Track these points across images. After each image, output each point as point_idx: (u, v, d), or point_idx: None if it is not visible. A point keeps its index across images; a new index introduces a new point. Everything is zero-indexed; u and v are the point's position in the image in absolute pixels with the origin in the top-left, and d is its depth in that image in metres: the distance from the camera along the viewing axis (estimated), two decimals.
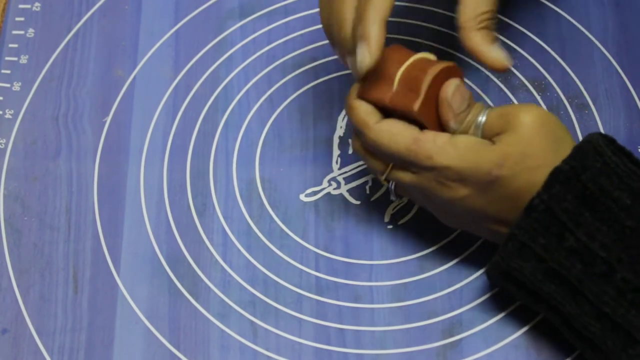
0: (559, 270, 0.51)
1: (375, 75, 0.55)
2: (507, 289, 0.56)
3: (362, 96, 0.55)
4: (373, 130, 0.54)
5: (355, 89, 0.56)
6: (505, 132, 0.53)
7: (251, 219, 0.63)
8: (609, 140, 0.52)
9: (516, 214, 0.52)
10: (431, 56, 0.56)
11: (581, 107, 0.67)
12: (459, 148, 0.52)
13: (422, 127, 0.54)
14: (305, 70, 0.69)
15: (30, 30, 0.71)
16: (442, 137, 0.53)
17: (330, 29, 0.57)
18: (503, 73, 0.57)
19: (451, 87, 0.54)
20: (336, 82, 0.68)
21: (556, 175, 0.51)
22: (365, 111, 0.55)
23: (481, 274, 0.61)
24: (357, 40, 0.53)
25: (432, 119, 0.54)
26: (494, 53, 0.55)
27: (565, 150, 0.52)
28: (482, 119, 0.54)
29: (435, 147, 0.53)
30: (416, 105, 0.53)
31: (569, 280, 0.51)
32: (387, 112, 0.55)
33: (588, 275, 0.51)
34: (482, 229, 0.56)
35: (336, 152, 0.66)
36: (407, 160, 0.54)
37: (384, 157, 0.55)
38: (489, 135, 0.54)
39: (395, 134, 0.54)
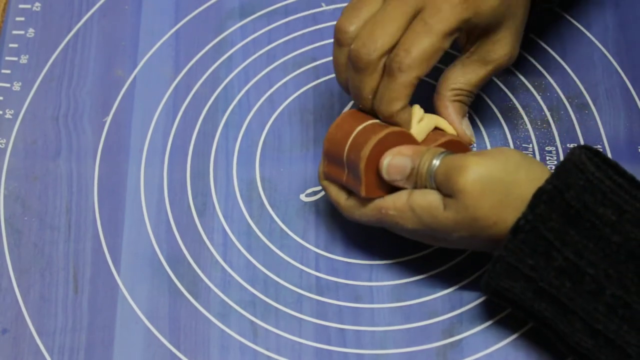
0: (549, 289, 0.51)
1: (331, 151, 0.57)
2: (501, 305, 0.56)
3: (327, 175, 0.58)
4: (344, 209, 0.58)
5: (321, 167, 0.59)
6: (452, 197, 0.53)
7: (251, 219, 0.63)
8: (593, 153, 0.52)
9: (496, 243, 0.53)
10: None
11: (581, 107, 0.67)
12: (416, 212, 0.54)
13: None
14: (305, 70, 0.69)
15: (30, 30, 0.71)
16: (400, 200, 0.55)
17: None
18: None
19: (383, 167, 0.55)
20: (336, 82, 0.68)
21: (540, 195, 0.51)
22: (333, 192, 0.58)
23: (481, 274, 0.61)
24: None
25: (385, 189, 0.56)
26: (463, 125, 0.59)
27: (522, 192, 0.52)
28: (436, 162, 0.54)
29: (397, 212, 0.55)
30: (362, 191, 0.55)
31: (559, 299, 0.51)
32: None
33: (578, 293, 0.50)
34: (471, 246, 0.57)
35: None
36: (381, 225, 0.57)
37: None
38: (440, 188, 0.54)
39: (362, 209, 0.57)
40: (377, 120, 0.57)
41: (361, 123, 0.56)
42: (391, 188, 0.56)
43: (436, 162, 0.54)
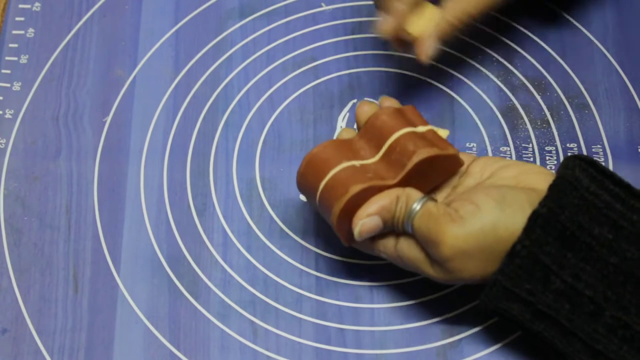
0: (547, 311, 0.51)
1: (304, 191, 0.57)
2: (501, 321, 0.56)
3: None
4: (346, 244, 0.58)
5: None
6: (435, 261, 0.53)
7: (251, 219, 0.63)
8: (587, 164, 0.51)
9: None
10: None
11: (581, 107, 0.67)
12: (404, 261, 0.55)
13: None
14: (305, 70, 0.69)
15: (30, 30, 0.71)
16: (389, 248, 0.56)
17: None
18: (421, 62, 0.60)
19: (356, 235, 0.54)
20: (336, 82, 0.68)
21: (535, 219, 0.50)
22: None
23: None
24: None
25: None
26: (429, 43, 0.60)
27: (502, 248, 0.51)
28: (415, 207, 0.53)
29: (388, 256, 0.56)
30: (346, 243, 0.57)
31: (559, 321, 0.51)
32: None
33: (577, 315, 0.50)
34: None
35: None
36: None
37: None
38: (418, 239, 0.54)
39: (360, 245, 0.57)
40: (351, 163, 0.55)
41: (334, 166, 0.55)
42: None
43: (415, 208, 0.53)
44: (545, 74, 0.68)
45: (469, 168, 0.57)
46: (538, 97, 0.67)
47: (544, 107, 0.67)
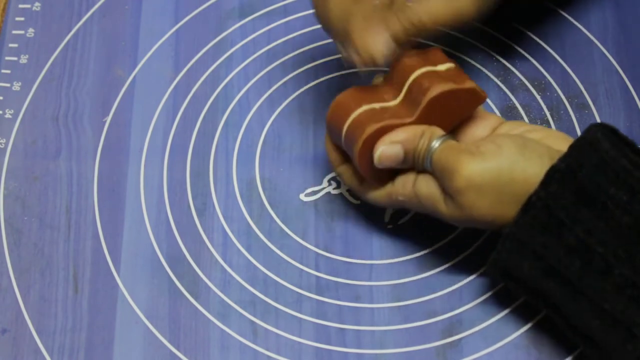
0: (558, 267, 0.51)
1: (331, 134, 0.58)
2: (507, 285, 0.56)
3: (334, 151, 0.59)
4: (359, 193, 0.60)
5: (332, 154, 0.59)
6: (449, 194, 0.53)
7: (251, 218, 0.63)
8: (610, 131, 0.52)
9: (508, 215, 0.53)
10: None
11: (581, 107, 0.67)
12: (420, 201, 0.56)
13: None
14: (305, 70, 0.69)
15: (30, 30, 0.71)
16: (407, 187, 0.56)
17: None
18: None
19: (376, 158, 0.55)
20: (336, 82, 0.68)
21: (553, 173, 0.51)
22: (347, 179, 0.59)
23: (481, 274, 0.61)
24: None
25: (387, 171, 0.57)
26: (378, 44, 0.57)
27: (515, 191, 0.52)
28: (435, 144, 0.54)
29: (405, 197, 0.56)
30: (375, 183, 0.57)
31: (568, 278, 0.51)
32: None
33: (587, 272, 0.51)
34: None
35: None
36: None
37: None
38: (436, 178, 0.54)
39: (374, 194, 0.58)
40: (370, 106, 0.56)
41: (355, 110, 0.56)
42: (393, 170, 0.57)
43: (435, 145, 0.54)
44: (545, 74, 0.68)
45: (496, 130, 0.57)
46: (538, 97, 0.67)
47: (544, 107, 0.67)
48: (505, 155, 0.52)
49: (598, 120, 0.66)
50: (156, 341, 0.59)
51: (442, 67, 0.56)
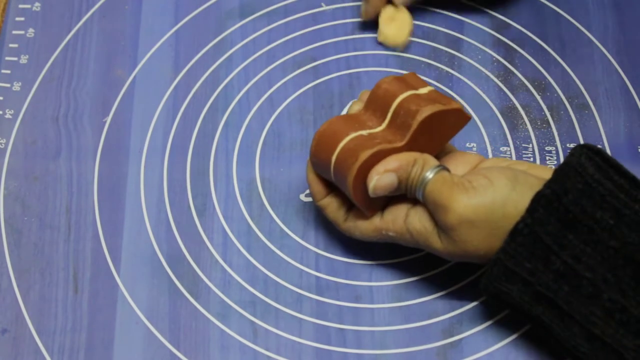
0: (546, 293, 0.51)
1: (318, 165, 0.57)
2: (501, 307, 0.56)
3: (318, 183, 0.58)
4: (343, 228, 0.59)
5: (316, 186, 0.58)
6: (442, 229, 0.53)
7: (251, 219, 0.63)
8: (594, 153, 0.52)
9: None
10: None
11: (581, 107, 0.67)
12: (412, 235, 0.55)
13: None
14: (305, 70, 0.69)
15: (30, 30, 0.71)
16: (398, 222, 0.56)
17: None
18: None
19: (370, 189, 0.54)
20: (336, 82, 0.68)
21: (538, 199, 0.51)
22: (331, 214, 0.58)
23: (481, 275, 0.61)
24: None
25: (380, 200, 0.57)
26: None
27: (510, 225, 0.52)
28: (428, 176, 0.54)
29: (396, 233, 0.56)
30: (367, 212, 0.57)
31: (557, 303, 0.51)
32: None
33: (575, 297, 0.50)
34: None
35: None
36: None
37: None
38: (428, 208, 0.54)
39: (361, 230, 0.58)
40: (358, 133, 0.55)
41: (343, 138, 0.55)
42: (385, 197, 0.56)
43: (428, 176, 0.54)
44: (545, 74, 0.68)
45: (481, 165, 0.57)
46: (538, 97, 0.67)
47: (544, 107, 0.67)
48: (497, 190, 0.52)
49: (598, 121, 0.66)
50: (156, 341, 0.59)
51: (423, 91, 0.56)
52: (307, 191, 0.64)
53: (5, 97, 0.68)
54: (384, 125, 0.56)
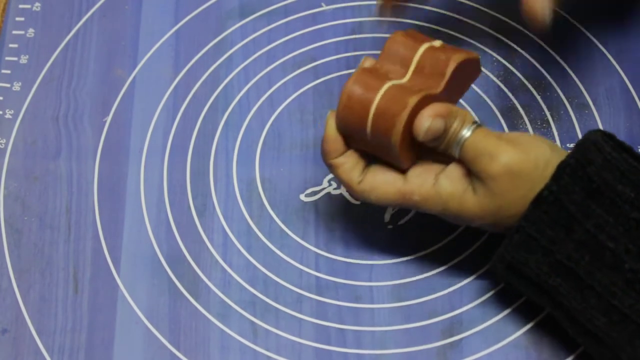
0: (567, 262, 0.51)
1: (348, 124, 0.54)
2: (511, 282, 0.55)
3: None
4: (357, 190, 0.55)
5: (328, 144, 0.56)
6: (480, 181, 0.52)
7: (251, 219, 0.63)
8: (608, 137, 0.52)
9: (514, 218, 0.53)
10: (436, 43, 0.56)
11: (581, 107, 0.67)
12: (442, 198, 0.54)
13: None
14: (305, 70, 0.69)
15: (30, 30, 0.71)
16: (425, 186, 0.54)
17: None
18: (539, 30, 0.58)
19: (422, 131, 0.52)
20: (336, 82, 0.68)
21: (564, 167, 0.51)
22: (344, 174, 0.55)
23: (481, 274, 0.61)
24: None
25: (414, 154, 0.55)
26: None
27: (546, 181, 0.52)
28: (465, 133, 0.53)
29: (422, 197, 0.54)
30: (407, 165, 0.54)
31: (576, 273, 0.51)
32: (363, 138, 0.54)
33: (596, 267, 0.50)
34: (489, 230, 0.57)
35: None
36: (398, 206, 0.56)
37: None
38: (465, 162, 0.53)
39: (379, 193, 0.55)
40: (392, 83, 0.54)
41: (379, 88, 0.53)
42: (419, 151, 0.55)
43: (466, 134, 0.53)
44: (545, 74, 0.68)
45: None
46: (538, 97, 0.67)
47: (544, 107, 0.67)
48: (541, 150, 0.52)
49: (598, 121, 0.66)
50: (156, 341, 0.59)
51: (437, 43, 0.56)
52: (307, 191, 0.64)
53: (5, 97, 0.68)
54: (407, 76, 0.55)
